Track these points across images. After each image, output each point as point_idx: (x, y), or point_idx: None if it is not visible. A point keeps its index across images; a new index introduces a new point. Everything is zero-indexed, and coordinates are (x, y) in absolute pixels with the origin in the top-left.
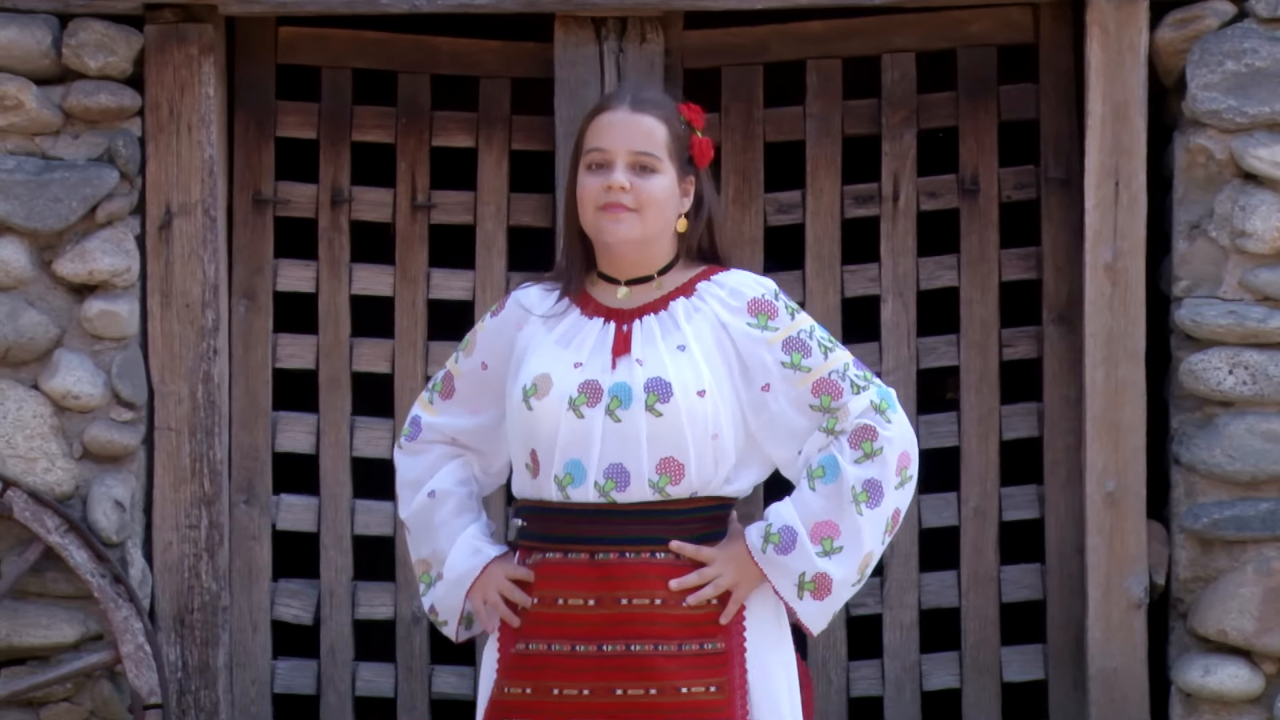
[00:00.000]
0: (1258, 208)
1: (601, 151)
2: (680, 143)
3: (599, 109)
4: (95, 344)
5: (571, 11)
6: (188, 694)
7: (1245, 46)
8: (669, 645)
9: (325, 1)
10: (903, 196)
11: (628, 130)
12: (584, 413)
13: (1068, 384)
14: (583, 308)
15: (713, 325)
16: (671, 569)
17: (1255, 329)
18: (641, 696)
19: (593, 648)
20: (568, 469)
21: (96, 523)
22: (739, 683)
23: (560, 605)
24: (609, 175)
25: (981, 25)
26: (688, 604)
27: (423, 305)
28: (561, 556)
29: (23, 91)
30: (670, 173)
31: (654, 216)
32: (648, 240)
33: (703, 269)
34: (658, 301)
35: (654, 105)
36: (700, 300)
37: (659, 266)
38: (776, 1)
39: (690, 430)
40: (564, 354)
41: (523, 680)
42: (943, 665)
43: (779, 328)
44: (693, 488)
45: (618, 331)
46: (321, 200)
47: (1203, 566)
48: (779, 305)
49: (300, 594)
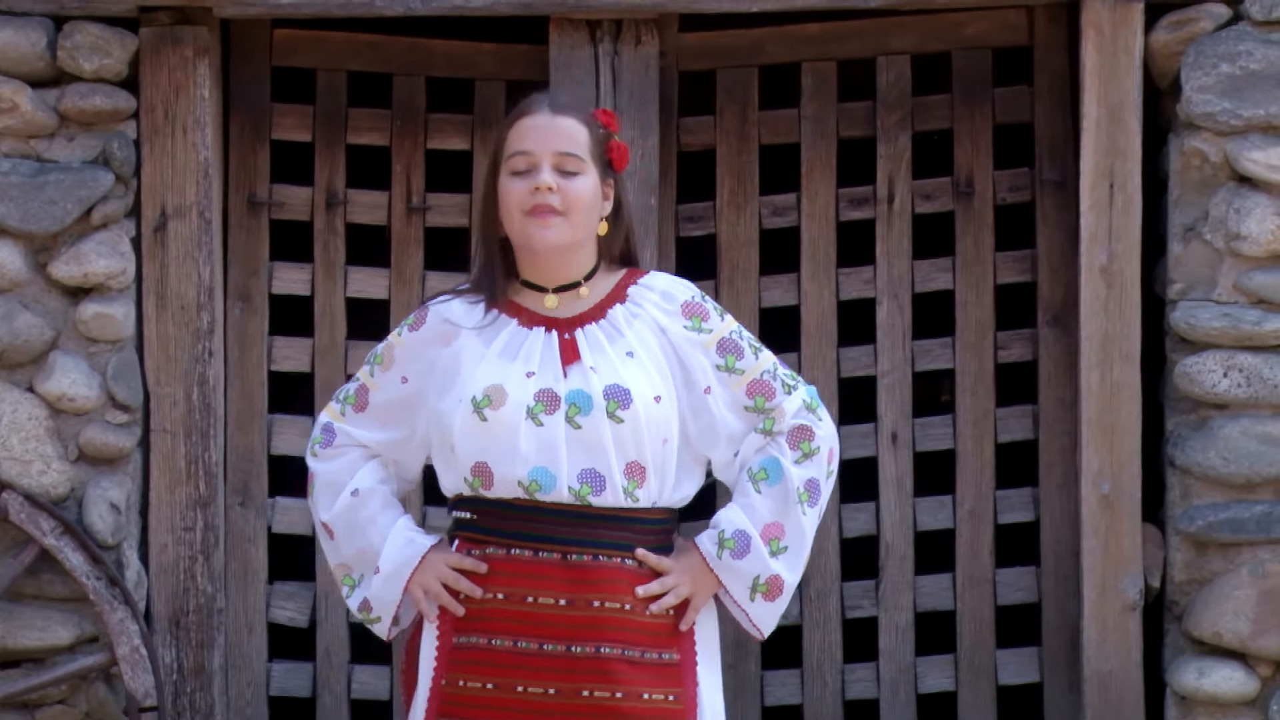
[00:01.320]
0: (1252, 210)
1: (526, 155)
2: (600, 146)
3: (518, 114)
4: (90, 346)
5: (566, 14)
6: (183, 696)
7: (1240, 49)
8: (634, 651)
9: (320, 4)
10: (898, 199)
11: (551, 133)
12: (543, 420)
13: (1063, 386)
14: (516, 318)
15: (653, 330)
16: (639, 576)
17: (1250, 331)
18: (607, 699)
19: (561, 648)
20: (533, 476)
21: (92, 525)
22: (692, 694)
23: (530, 603)
24: (535, 178)
25: (977, 28)
26: (650, 612)
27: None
28: (532, 555)
29: (18, 94)
30: (593, 175)
31: (581, 219)
32: (574, 245)
33: (624, 273)
34: (595, 309)
35: (573, 109)
36: (636, 305)
37: (584, 272)
38: (772, 4)
39: (648, 436)
40: (512, 365)
41: (483, 675)
42: (938, 667)
43: (712, 329)
44: (653, 495)
45: (562, 340)
46: (317, 202)
47: (1198, 569)
48: (708, 307)
49: (296, 596)
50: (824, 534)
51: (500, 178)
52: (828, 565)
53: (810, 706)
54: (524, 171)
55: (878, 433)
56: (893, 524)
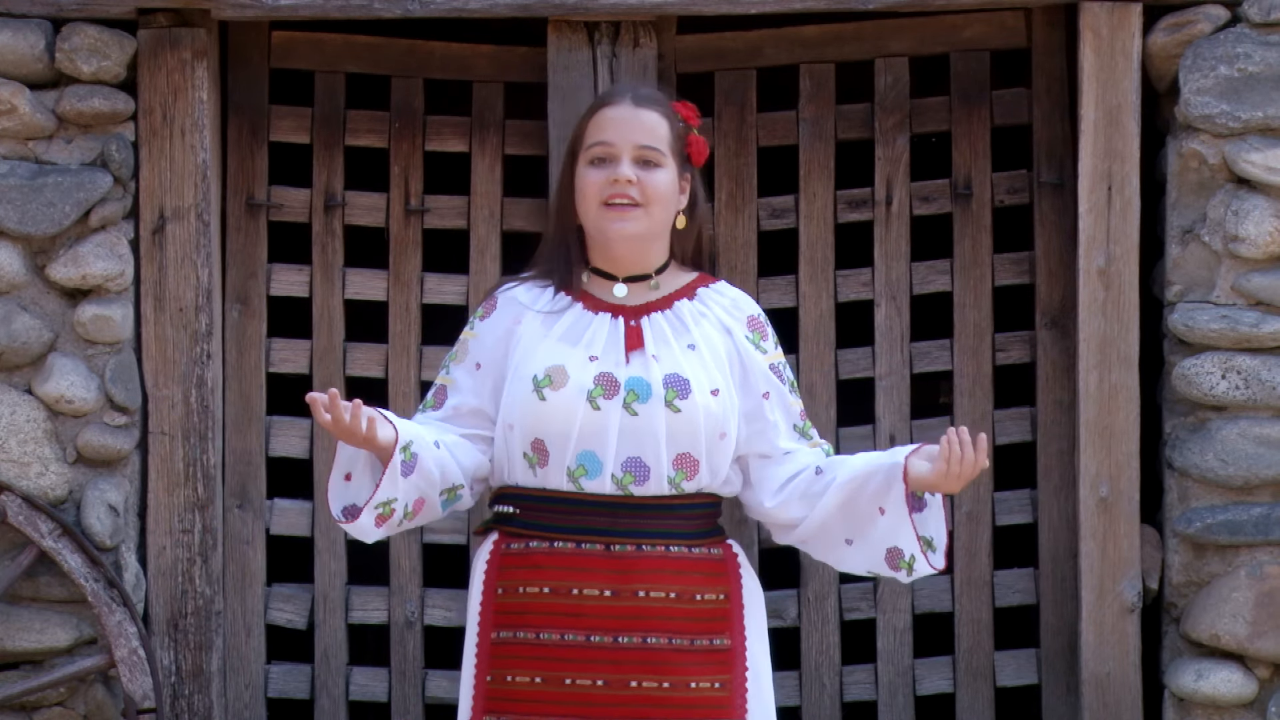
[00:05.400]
0: (1250, 212)
1: (606, 145)
2: (679, 140)
3: (600, 104)
4: (89, 348)
5: (565, 16)
6: (181, 698)
7: (1238, 51)
8: (682, 640)
9: (318, 6)
10: (896, 201)
11: (632, 125)
12: (600, 405)
13: (1061, 389)
14: (584, 303)
15: (719, 329)
16: (686, 563)
17: (1248, 334)
18: (654, 690)
19: (608, 639)
20: (580, 460)
21: (90, 527)
22: (740, 679)
23: (575, 596)
24: (615, 169)
25: (975, 30)
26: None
27: (416, 309)
28: (575, 547)
29: (16, 96)
30: (672, 169)
31: (659, 212)
32: (649, 237)
33: (697, 276)
34: (661, 301)
35: (655, 101)
36: (704, 305)
37: (655, 265)
38: (770, 6)
39: (705, 428)
40: (575, 348)
41: (532, 670)
42: (936, 670)
43: (767, 352)
44: (703, 484)
45: (627, 327)
46: (315, 205)
47: (1196, 571)
48: (769, 330)
49: (294, 598)
50: None
51: (579, 166)
52: (825, 567)
53: (808, 709)
54: (604, 161)
55: (875, 435)
56: None
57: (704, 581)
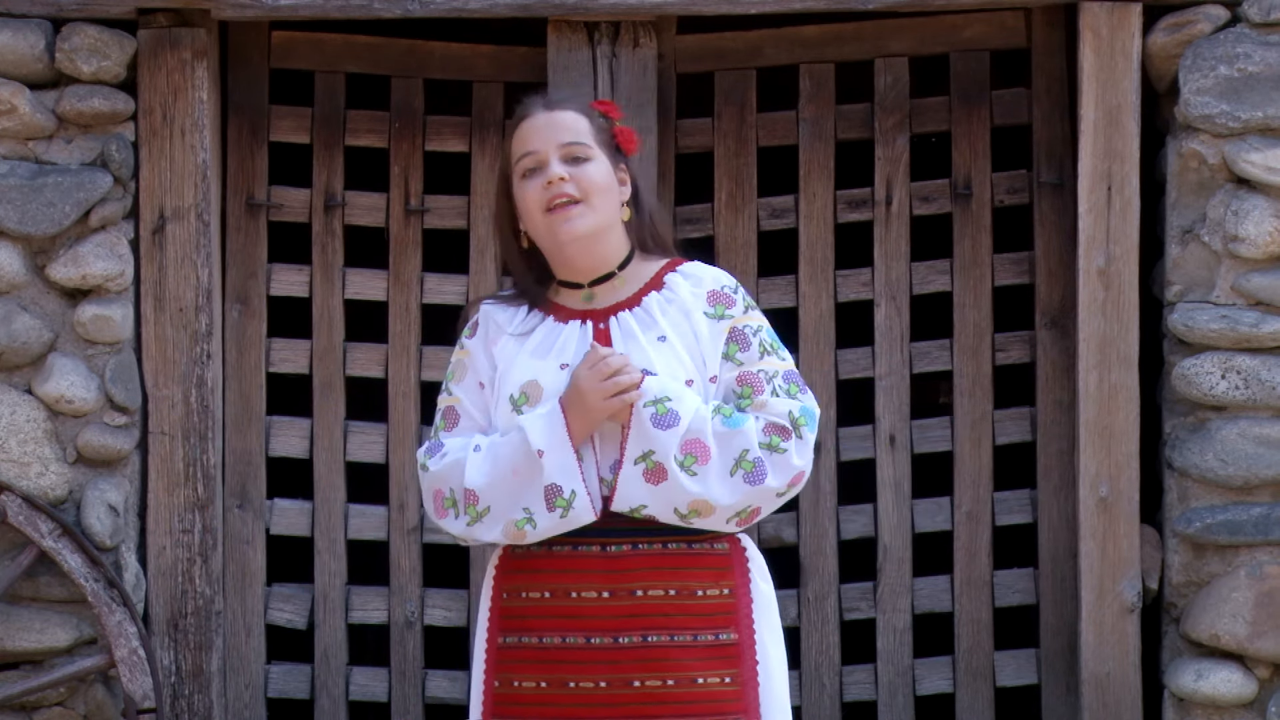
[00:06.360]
0: (1250, 212)
1: (532, 154)
2: (604, 133)
3: (517, 120)
4: (89, 348)
5: (564, 16)
6: (181, 698)
7: (1238, 51)
8: (684, 636)
9: (318, 6)
10: (896, 201)
11: (551, 127)
12: None
13: (1060, 389)
14: (554, 315)
15: (685, 315)
16: (685, 559)
17: (1248, 334)
18: (659, 688)
19: (608, 640)
20: None
21: (90, 527)
22: (750, 673)
23: (573, 598)
24: (546, 173)
25: (975, 30)
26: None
27: (416, 309)
28: (572, 550)
29: (16, 96)
30: (603, 159)
31: (601, 204)
32: (600, 232)
33: (665, 261)
34: (630, 298)
35: (569, 101)
36: (671, 292)
37: (616, 261)
38: (770, 6)
39: None
40: (546, 359)
41: (536, 674)
42: (936, 670)
43: (732, 316)
44: None
45: (596, 330)
46: (315, 205)
47: (1195, 571)
48: (737, 298)
49: (294, 598)
50: (822, 536)
51: (514, 185)
52: (826, 567)
53: (808, 708)
54: (535, 171)
55: (875, 435)
56: (891, 526)
57: (706, 577)
